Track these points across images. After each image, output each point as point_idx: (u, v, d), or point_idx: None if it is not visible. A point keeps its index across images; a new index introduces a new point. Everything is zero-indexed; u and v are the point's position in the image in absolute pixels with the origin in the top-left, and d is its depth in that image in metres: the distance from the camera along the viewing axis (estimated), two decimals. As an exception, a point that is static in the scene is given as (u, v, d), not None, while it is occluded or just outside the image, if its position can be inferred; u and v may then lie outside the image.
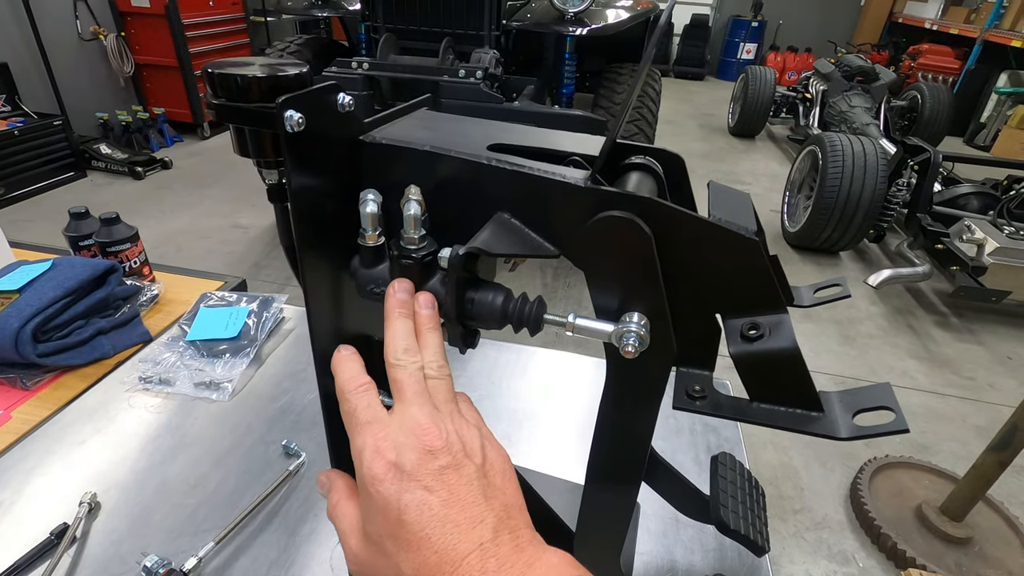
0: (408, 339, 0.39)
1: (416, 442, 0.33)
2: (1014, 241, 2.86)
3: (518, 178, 0.42)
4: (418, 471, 0.32)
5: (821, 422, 0.39)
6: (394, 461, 0.33)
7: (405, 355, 0.38)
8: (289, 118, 0.37)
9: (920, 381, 2.65)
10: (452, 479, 0.33)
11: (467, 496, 0.32)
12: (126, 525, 0.72)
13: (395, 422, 0.35)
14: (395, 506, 0.32)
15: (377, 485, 0.33)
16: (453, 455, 0.33)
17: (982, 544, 1.80)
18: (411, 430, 0.34)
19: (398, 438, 0.34)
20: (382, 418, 0.35)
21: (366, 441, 0.34)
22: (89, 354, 1.01)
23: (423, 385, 0.37)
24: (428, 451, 0.33)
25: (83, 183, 4.25)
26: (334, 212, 0.44)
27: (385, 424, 0.35)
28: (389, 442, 0.34)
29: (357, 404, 0.36)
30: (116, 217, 1.19)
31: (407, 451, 0.33)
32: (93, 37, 4.58)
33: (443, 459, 0.33)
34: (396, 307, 0.40)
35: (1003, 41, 5.94)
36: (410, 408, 0.35)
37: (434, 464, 0.33)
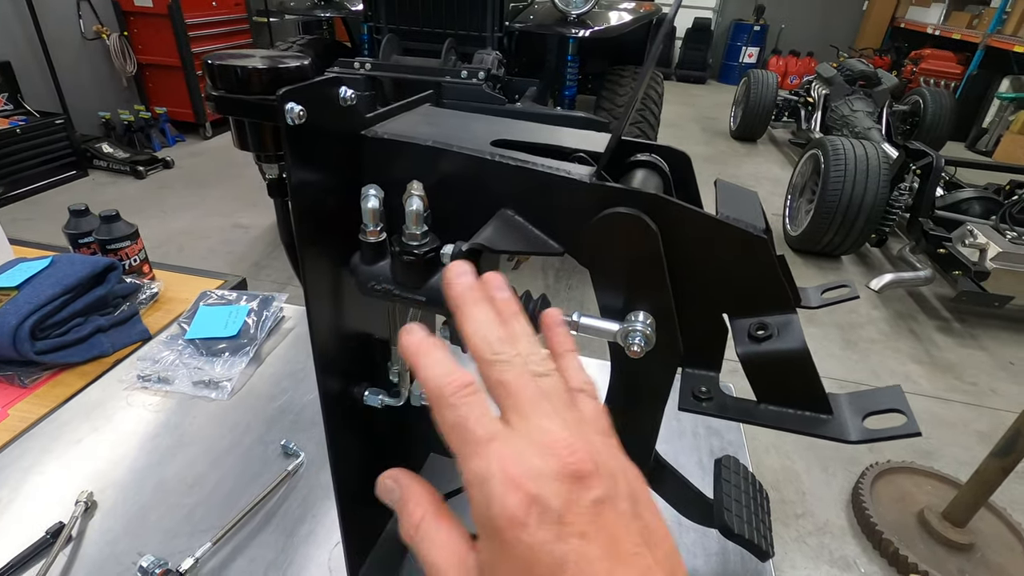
0: (500, 327, 0.30)
1: (559, 466, 0.24)
2: (1016, 246, 2.85)
3: (522, 173, 0.41)
4: (569, 510, 0.24)
5: (830, 425, 0.38)
6: (535, 495, 0.24)
7: (504, 346, 0.28)
8: (290, 110, 0.36)
9: (922, 386, 2.64)
10: (610, 519, 0.24)
11: (628, 543, 0.24)
12: (122, 525, 0.72)
13: (522, 438, 0.26)
14: (546, 562, 0.23)
15: (518, 531, 0.23)
16: (605, 484, 0.25)
17: (984, 550, 1.78)
18: (548, 449, 0.25)
19: (533, 462, 0.24)
20: (503, 434, 0.26)
21: (491, 467, 0.25)
22: (87, 352, 1.00)
23: (538, 386, 0.28)
24: (576, 479, 0.24)
25: (85, 182, 4.25)
26: (335, 207, 0.44)
27: (510, 441, 0.25)
28: (523, 468, 0.24)
29: (469, 415, 0.26)
30: (116, 215, 1.18)
31: (550, 481, 0.24)
32: (96, 36, 4.59)
33: (596, 490, 0.24)
34: (467, 291, 0.31)
35: (1005, 47, 5.94)
36: (533, 419, 0.26)
37: (587, 497, 0.24)
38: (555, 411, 0.27)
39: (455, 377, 0.27)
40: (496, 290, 0.32)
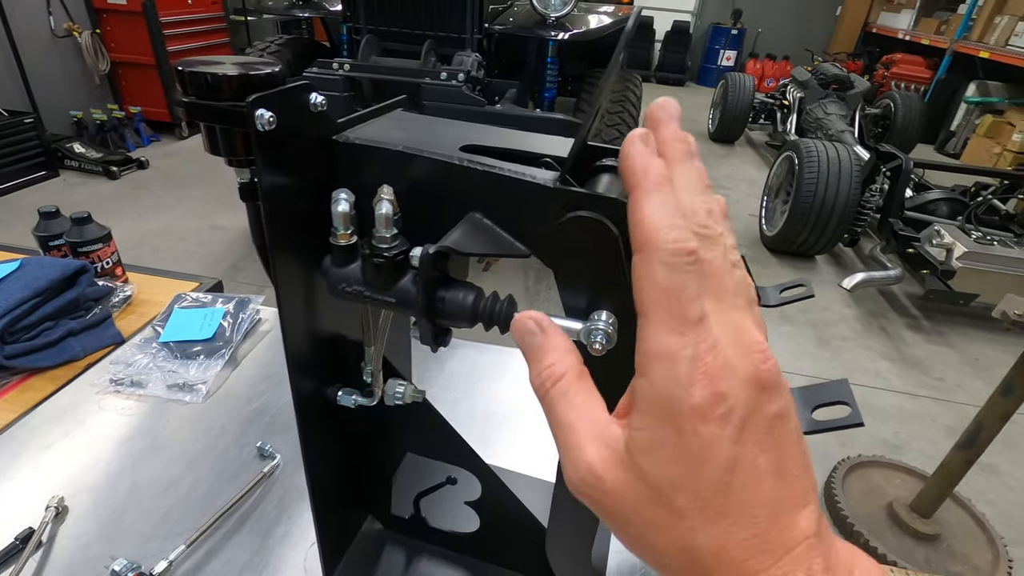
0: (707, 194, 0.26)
1: (753, 371, 0.23)
2: (981, 246, 2.95)
3: (489, 178, 0.42)
4: (753, 417, 0.23)
5: None
6: (724, 392, 0.22)
7: (711, 221, 0.25)
8: (260, 117, 0.37)
9: (892, 382, 2.72)
10: (783, 435, 0.23)
11: (794, 464, 0.23)
12: (95, 529, 0.71)
13: (720, 328, 0.23)
14: (719, 460, 0.22)
15: (697, 422, 0.22)
16: (784, 399, 0.24)
17: (950, 540, 1.85)
18: (745, 350, 0.23)
19: (730, 357, 0.23)
20: (709, 321, 0.23)
21: (688, 350, 0.23)
22: (58, 356, 0.99)
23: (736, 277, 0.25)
24: (764, 388, 0.23)
25: (55, 182, 4.15)
26: (306, 211, 0.44)
27: (712, 330, 0.23)
28: (720, 361, 0.23)
29: (687, 285, 0.23)
30: (87, 216, 1.17)
31: (740, 383, 0.23)
32: (67, 34, 4.49)
33: (777, 403, 0.23)
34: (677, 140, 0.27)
35: (972, 52, 6.13)
36: (732, 312, 0.24)
37: (770, 410, 0.23)
38: (748, 308, 0.25)
39: (685, 236, 0.24)
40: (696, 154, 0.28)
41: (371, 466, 0.69)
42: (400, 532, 0.71)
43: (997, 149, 5.68)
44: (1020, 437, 2.39)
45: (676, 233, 0.24)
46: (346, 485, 0.66)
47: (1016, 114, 5.68)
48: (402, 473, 0.74)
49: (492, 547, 0.68)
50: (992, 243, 3.00)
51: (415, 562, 0.69)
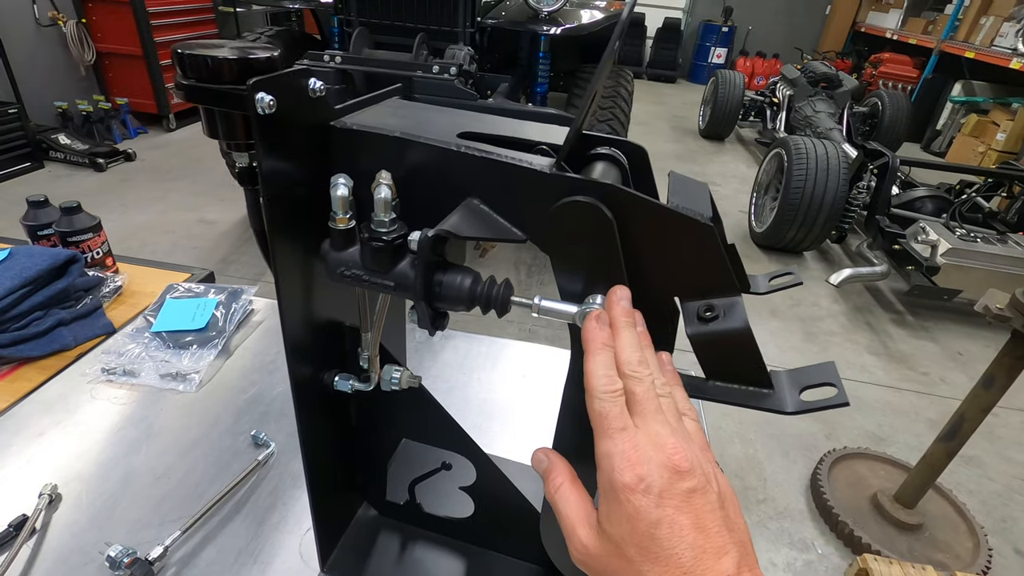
0: (640, 351, 0.39)
1: (666, 459, 0.34)
2: (965, 243, 3.00)
3: (486, 164, 0.43)
4: (669, 490, 0.33)
5: (771, 398, 0.41)
6: (643, 475, 0.33)
7: (641, 367, 0.38)
8: (260, 100, 0.37)
9: (878, 376, 2.76)
10: (699, 503, 0.33)
11: (712, 524, 0.33)
12: (88, 516, 0.71)
13: (642, 435, 0.35)
14: (646, 519, 0.32)
15: (628, 494, 0.33)
16: (698, 479, 0.34)
17: (932, 530, 1.88)
18: (660, 446, 0.34)
19: (647, 452, 0.34)
20: (631, 428, 0.35)
21: (616, 447, 0.35)
22: (48, 345, 0.98)
23: (659, 402, 0.37)
24: (677, 471, 0.33)
25: (40, 174, 4.09)
26: (305, 196, 0.45)
27: (634, 434, 0.35)
28: (640, 454, 0.34)
29: (611, 410, 0.36)
30: (77, 206, 1.16)
31: (657, 467, 0.33)
32: (51, 23, 4.41)
33: (691, 482, 0.33)
34: (624, 315, 0.40)
35: (958, 52, 6.20)
36: (653, 424, 0.35)
37: (683, 485, 0.33)
38: (668, 422, 0.36)
39: (610, 380, 0.37)
40: (638, 324, 0.41)
41: (367, 452, 0.69)
42: (395, 518, 0.72)
43: (982, 148, 5.76)
44: (1001, 429, 2.44)
45: (605, 379, 0.37)
46: (342, 471, 0.67)
47: (1000, 113, 5.76)
48: (397, 460, 0.75)
49: (486, 532, 0.69)
50: (976, 240, 3.05)
51: (410, 548, 0.70)
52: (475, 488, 0.66)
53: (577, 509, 0.38)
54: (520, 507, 0.63)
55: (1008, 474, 2.23)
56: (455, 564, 0.68)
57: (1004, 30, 5.72)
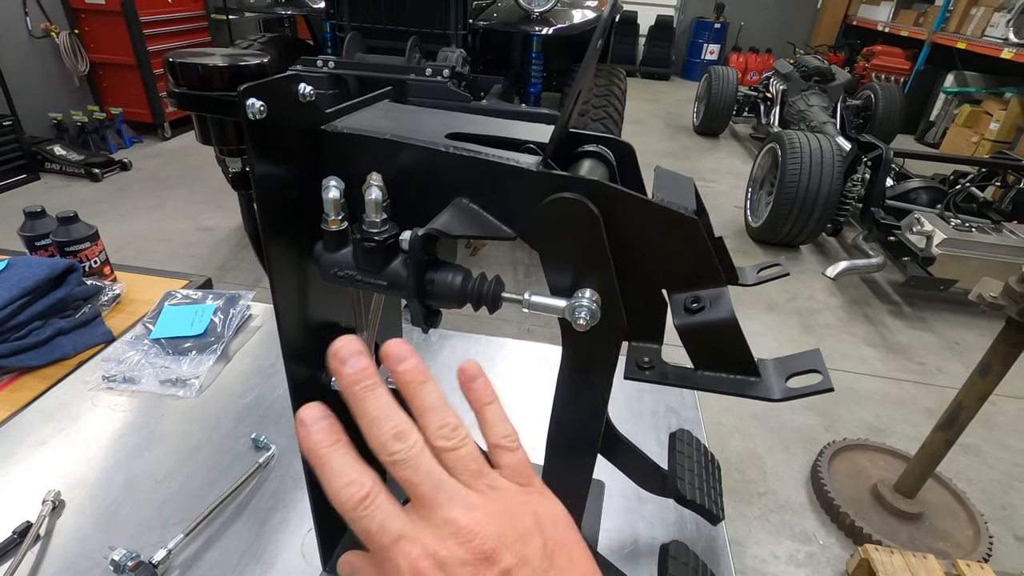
0: (392, 418, 0.30)
1: (463, 553, 0.27)
2: (960, 233, 3.01)
3: (474, 164, 0.44)
4: None
5: (758, 386, 0.42)
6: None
7: (397, 444, 0.29)
8: (251, 106, 0.38)
9: (876, 367, 2.77)
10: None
11: None
12: (92, 522, 0.72)
13: (428, 532, 0.28)
14: None
15: None
16: (512, 553, 0.27)
17: (932, 519, 1.89)
18: (451, 539, 0.27)
19: (439, 554, 0.27)
20: (408, 530, 0.28)
21: (399, 567, 0.27)
22: (48, 355, 0.99)
23: (440, 474, 0.29)
24: (482, 559, 0.27)
25: (36, 186, 4.10)
26: (297, 199, 0.46)
27: (416, 537, 0.28)
28: (429, 562, 0.27)
29: (370, 525, 0.28)
30: (74, 216, 1.17)
31: (456, 567, 0.27)
32: (44, 34, 4.42)
33: (503, 563, 0.27)
34: (353, 382, 0.31)
35: (949, 43, 6.23)
36: (437, 511, 0.28)
37: (495, 571, 0.27)
38: (456, 497, 0.29)
39: (353, 492, 0.28)
40: (396, 363, 0.32)
41: (366, 451, 0.70)
42: (395, 516, 0.73)
43: (975, 138, 5.79)
44: (999, 417, 2.45)
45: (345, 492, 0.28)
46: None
47: (993, 103, 5.79)
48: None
49: (485, 528, 0.69)
50: (971, 230, 3.06)
51: (410, 545, 0.71)
52: (473, 484, 0.66)
53: None
54: (518, 502, 0.64)
55: (1007, 461, 2.24)
56: (456, 560, 0.69)
57: (995, 20, 5.74)
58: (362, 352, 0.31)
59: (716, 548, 0.74)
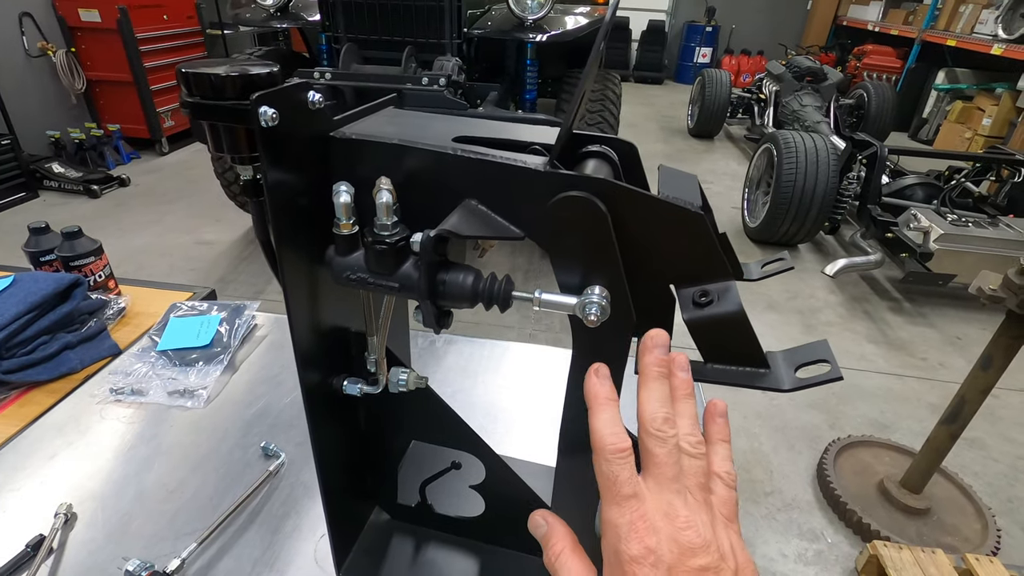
0: (667, 405, 0.36)
1: (676, 534, 0.32)
2: (957, 228, 3.02)
3: (482, 166, 0.44)
4: (677, 567, 0.31)
5: (767, 377, 0.43)
6: (652, 547, 0.32)
7: (666, 426, 0.35)
8: (263, 114, 0.39)
9: (878, 364, 2.78)
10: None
11: None
12: (104, 534, 0.72)
13: (653, 503, 0.33)
14: None
15: (634, 567, 0.32)
16: (711, 556, 0.32)
17: (940, 513, 1.89)
18: (671, 519, 0.33)
19: (657, 522, 0.33)
20: (642, 495, 0.34)
21: (624, 516, 0.33)
22: (56, 369, 0.99)
23: (680, 467, 0.35)
24: (688, 547, 0.32)
25: (35, 203, 4.11)
26: (308, 204, 0.46)
27: (644, 502, 0.33)
28: (648, 525, 0.32)
29: (620, 474, 0.34)
30: (78, 231, 1.17)
31: (667, 541, 0.32)
32: (41, 53, 4.44)
33: (703, 559, 0.32)
34: (654, 364, 0.38)
35: (939, 41, 6.28)
36: (666, 493, 0.34)
37: (694, 562, 0.32)
38: (683, 491, 0.34)
39: (618, 440, 0.35)
40: (679, 370, 0.39)
41: (377, 456, 0.70)
42: (407, 521, 0.73)
43: (968, 134, 5.82)
44: (1002, 410, 2.46)
45: (612, 438, 0.35)
46: (354, 476, 0.68)
47: (984, 99, 5.82)
48: (406, 463, 0.76)
49: (497, 529, 0.70)
50: (967, 224, 3.08)
51: (423, 548, 0.71)
52: (485, 486, 0.67)
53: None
54: (529, 502, 0.64)
55: (1012, 454, 2.24)
56: (467, 563, 0.69)
57: (984, 17, 5.79)
58: (668, 346, 0.39)
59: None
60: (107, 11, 4.44)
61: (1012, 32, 5.18)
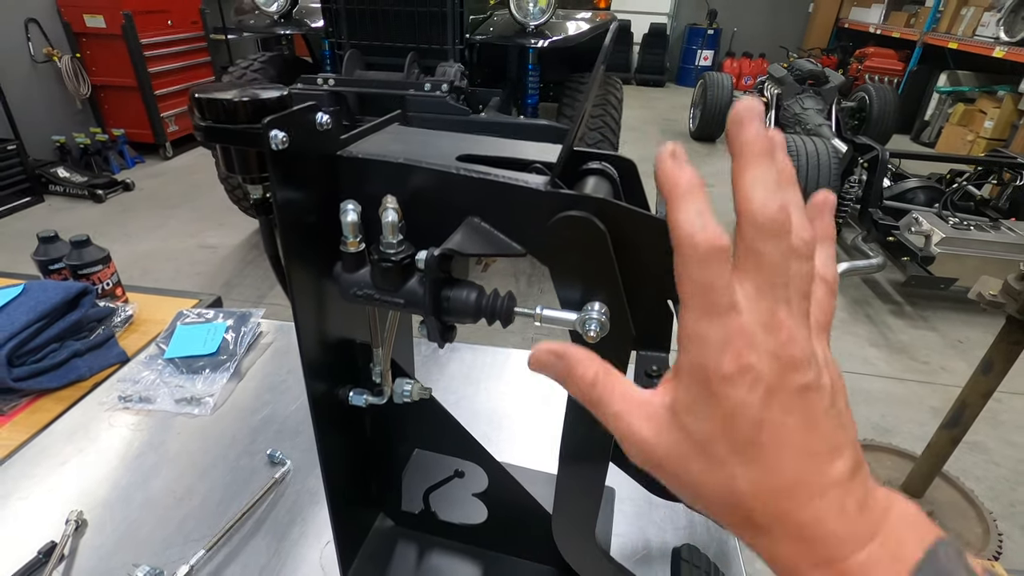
0: (780, 192, 0.28)
1: (778, 348, 0.27)
2: (958, 231, 3.03)
3: (485, 185, 0.46)
4: (778, 385, 0.27)
5: None
6: (750, 364, 0.26)
7: (780, 215, 0.27)
8: (274, 137, 0.40)
9: (880, 367, 2.78)
10: (813, 401, 0.27)
11: (826, 424, 0.27)
12: (114, 540, 0.73)
13: (752, 313, 0.27)
14: (747, 417, 0.27)
15: (727, 386, 0.27)
16: (812, 374, 0.27)
17: (941, 518, 1.90)
18: (773, 331, 0.27)
19: (756, 336, 0.27)
20: (739, 306, 0.27)
21: (717, 330, 0.27)
22: (65, 376, 1.01)
23: (788, 270, 0.28)
24: (790, 363, 0.27)
25: (40, 208, 4.14)
26: (316, 222, 0.48)
27: (743, 314, 0.27)
28: (746, 339, 0.27)
29: (717, 280, 0.27)
30: (87, 239, 1.19)
31: (767, 358, 0.27)
32: (47, 59, 4.48)
33: (805, 376, 0.27)
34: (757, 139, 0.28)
35: (941, 43, 6.28)
36: (768, 301, 0.27)
37: (795, 380, 0.27)
38: (789, 299, 0.28)
39: (714, 235, 0.27)
40: (780, 150, 0.30)
41: (382, 464, 0.72)
42: (411, 527, 0.74)
43: (970, 136, 5.82)
44: (1004, 415, 2.46)
45: (705, 233, 0.27)
46: (359, 484, 0.69)
47: (986, 101, 5.83)
48: (410, 471, 0.77)
49: (500, 536, 0.71)
50: (969, 228, 3.08)
51: (427, 555, 0.72)
52: (487, 494, 0.68)
53: (629, 401, 0.31)
54: (532, 509, 0.65)
55: (1014, 458, 2.24)
56: (471, 569, 0.71)
57: (985, 20, 5.80)
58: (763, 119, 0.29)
59: (727, 551, 0.75)
60: (112, 17, 4.48)
61: (1014, 35, 5.18)
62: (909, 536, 0.27)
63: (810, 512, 0.26)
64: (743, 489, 0.27)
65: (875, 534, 0.27)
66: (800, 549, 0.27)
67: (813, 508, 0.26)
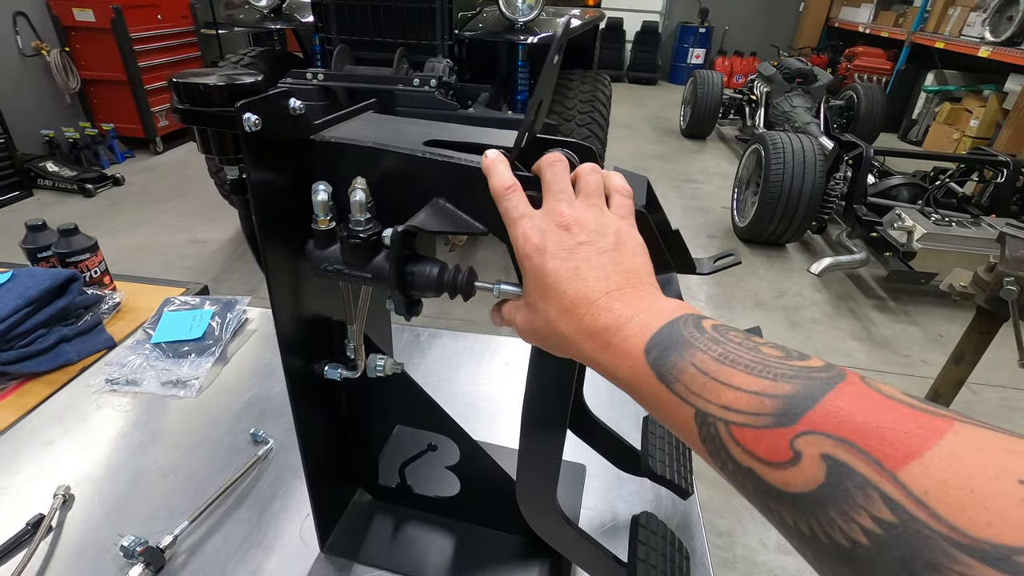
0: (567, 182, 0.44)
1: (554, 227, 0.41)
2: (940, 227, 3.08)
3: (448, 167, 0.49)
4: (556, 247, 0.40)
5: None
6: (538, 243, 0.41)
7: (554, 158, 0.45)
8: (247, 120, 0.43)
9: (862, 360, 2.83)
10: (585, 252, 0.40)
11: (597, 262, 0.39)
12: (101, 513, 0.76)
13: (540, 214, 0.42)
14: (539, 272, 0.40)
15: (526, 261, 0.41)
16: (587, 234, 0.40)
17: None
18: (551, 218, 0.42)
19: (541, 225, 0.42)
20: (530, 212, 0.43)
21: (518, 231, 0.42)
22: (53, 361, 1.03)
23: (568, 187, 0.43)
24: (564, 230, 0.41)
25: (29, 202, 4.12)
26: (289, 202, 0.51)
27: (532, 216, 0.42)
28: (535, 229, 0.41)
29: (508, 204, 0.43)
30: (75, 228, 1.21)
31: (548, 234, 0.41)
32: (35, 53, 4.46)
33: (579, 236, 0.40)
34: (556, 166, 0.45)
35: (928, 43, 6.35)
36: (551, 202, 0.43)
37: (571, 241, 0.40)
38: (567, 200, 0.42)
39: (504, 181, 0.44)
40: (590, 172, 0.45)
41: (359, 440, 0.75)
42: (388, 501, 0.77)
43: (956, 135, 5.90)
44: (981, 406, 2.52)
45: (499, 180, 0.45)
46: (337, 458, 0.72)
47: (972, 101, 5.90)
48: (392, 444, 0.80)
49: (472, 508, 0.74)
50: (950, 224, 3.13)
51: (402, 527, 0.75)
52: (460, 466, 0.71)
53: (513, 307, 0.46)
54: (501, 481, 0.69)
55: (988, 448, 2.30)
56: (444, 539, 0.74)
57: (971, 20, 5.87)
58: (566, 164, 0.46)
59: (690, 523, 0.79)
60: (101, 11, 4.46)
61: (999, 35, 5.25)
62: (663, 315, 0.36)
63: (589, 317, 0.38)
64: (552, 318, 0.40)
65: (634, 316, 0.37)
66: (592, 344, 0.38)
67: (591, 314, 0.38)
